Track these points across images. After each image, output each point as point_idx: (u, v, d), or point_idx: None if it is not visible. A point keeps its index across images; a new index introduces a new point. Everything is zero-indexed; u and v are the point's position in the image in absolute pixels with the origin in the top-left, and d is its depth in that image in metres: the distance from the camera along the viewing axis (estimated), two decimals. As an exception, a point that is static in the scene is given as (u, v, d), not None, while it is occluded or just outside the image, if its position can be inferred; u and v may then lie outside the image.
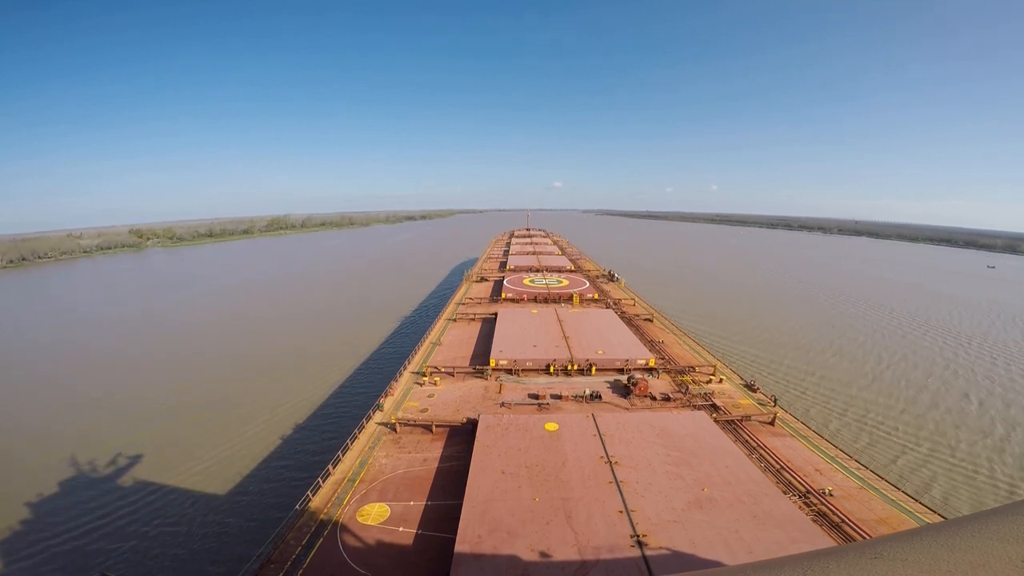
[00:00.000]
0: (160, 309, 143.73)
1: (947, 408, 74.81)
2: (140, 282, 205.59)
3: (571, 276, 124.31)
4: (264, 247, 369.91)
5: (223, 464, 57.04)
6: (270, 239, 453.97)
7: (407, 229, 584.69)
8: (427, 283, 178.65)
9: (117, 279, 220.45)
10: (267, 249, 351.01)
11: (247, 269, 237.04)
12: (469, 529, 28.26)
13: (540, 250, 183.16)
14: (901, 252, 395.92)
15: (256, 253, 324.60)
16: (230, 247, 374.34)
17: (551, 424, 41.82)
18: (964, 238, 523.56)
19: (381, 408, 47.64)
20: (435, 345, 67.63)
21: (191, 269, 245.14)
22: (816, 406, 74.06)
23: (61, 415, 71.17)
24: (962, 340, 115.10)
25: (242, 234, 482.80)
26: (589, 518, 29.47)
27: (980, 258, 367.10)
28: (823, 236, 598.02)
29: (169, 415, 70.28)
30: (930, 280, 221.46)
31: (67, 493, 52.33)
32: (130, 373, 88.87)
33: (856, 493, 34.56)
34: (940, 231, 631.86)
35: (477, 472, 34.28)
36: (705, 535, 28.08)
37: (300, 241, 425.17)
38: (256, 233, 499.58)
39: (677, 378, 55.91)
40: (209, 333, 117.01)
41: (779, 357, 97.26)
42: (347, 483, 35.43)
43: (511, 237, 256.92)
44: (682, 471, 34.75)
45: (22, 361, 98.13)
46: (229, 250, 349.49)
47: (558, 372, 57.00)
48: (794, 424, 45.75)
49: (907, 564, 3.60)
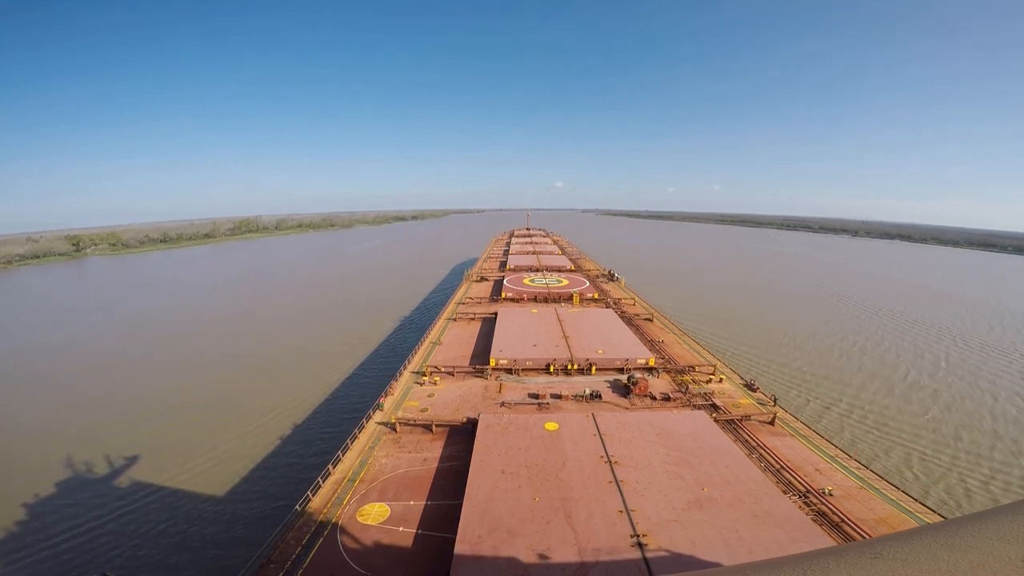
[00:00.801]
0: (155, 309, 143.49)
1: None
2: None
3: (571, 276, 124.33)
4: (204, 256, 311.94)
5: (222, 464, 57.02)
6: (236, 243, 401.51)
7: (388, 232, 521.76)
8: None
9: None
10: (193, 260, 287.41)
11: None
12: (469, 529, 28.25)
13: (540, 250, 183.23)
14: (974, 263, 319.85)
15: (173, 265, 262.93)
16: (181, 255, 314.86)
17: (551, 424, 41.83)
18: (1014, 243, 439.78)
19: (381, 408, 47.64)
20: (435, 345, 67.64)
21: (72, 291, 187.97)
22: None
23: (61, 415, 71.17)
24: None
25: (203, 239, 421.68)
26: (589, 518, 29.47)
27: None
28: (850, 239, 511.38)
29: (169, 416, 70.24)
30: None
31: (66, 493, 52.31)
32: (129, 374, 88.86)
33: (856, 493, 34.56)
34: (977, 234, 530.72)
35: (477, 472, 34.28)
36: (705, 535, 28.09)
37: (251, 248, 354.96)
38: (219, 237, 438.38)
39: (677, 378, 55.91)
40: (208, 334, 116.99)
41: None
42: (347, 483, 35.42)
43: (511, 237, 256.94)
44: (682, 471, 34.76)
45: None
46: (172, 259, 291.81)
47: (558, 372, 57.00)
48: (794, 424, 45.76)
49: (907, 564, 3.60)
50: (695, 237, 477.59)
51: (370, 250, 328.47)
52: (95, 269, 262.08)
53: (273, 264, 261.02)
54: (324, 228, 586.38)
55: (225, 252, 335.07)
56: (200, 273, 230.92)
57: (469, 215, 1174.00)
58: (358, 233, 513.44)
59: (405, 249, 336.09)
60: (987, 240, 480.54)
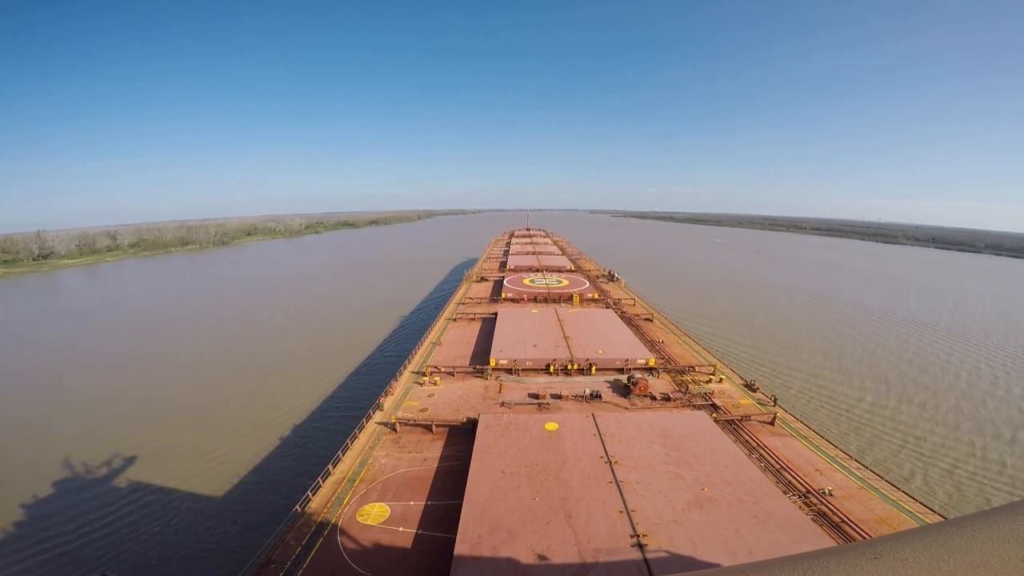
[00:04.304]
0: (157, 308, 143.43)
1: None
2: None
3: (571, 276, 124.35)
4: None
5: (222, 465, 56.98)
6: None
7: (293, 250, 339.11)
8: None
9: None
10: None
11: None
12: (469, 529, 28.25)
13: (540, 250, 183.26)
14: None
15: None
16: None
17: (551, 424, 41.82)
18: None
19: (381, 408, 47.64)
20: (435, 345, 67.64)
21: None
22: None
23: (61, 416, 71.15)
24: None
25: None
26: (589, 518, 29.47)
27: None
28: (893, 247, 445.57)
29: (169, 416, 70.21)
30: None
31: (66, 493, 52.26)
32: (129, 374, 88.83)
33: (856, 493, 34.55)
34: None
35: (477, 472, 34.28)
36: (705, 535, 28.08)
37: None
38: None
39: (677, 378, 55.90)
40: (209, 334, 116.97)
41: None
42: (347, 483, 35.41)
43: (511, 237, 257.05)
44: (682, 471, 34.75)
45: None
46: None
47: (558, 372, 56.99)
48: (794, 424, 45.75)
49: (907, 564, 3.60)
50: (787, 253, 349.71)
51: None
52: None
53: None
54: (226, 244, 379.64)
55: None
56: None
57: (457, 217, 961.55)
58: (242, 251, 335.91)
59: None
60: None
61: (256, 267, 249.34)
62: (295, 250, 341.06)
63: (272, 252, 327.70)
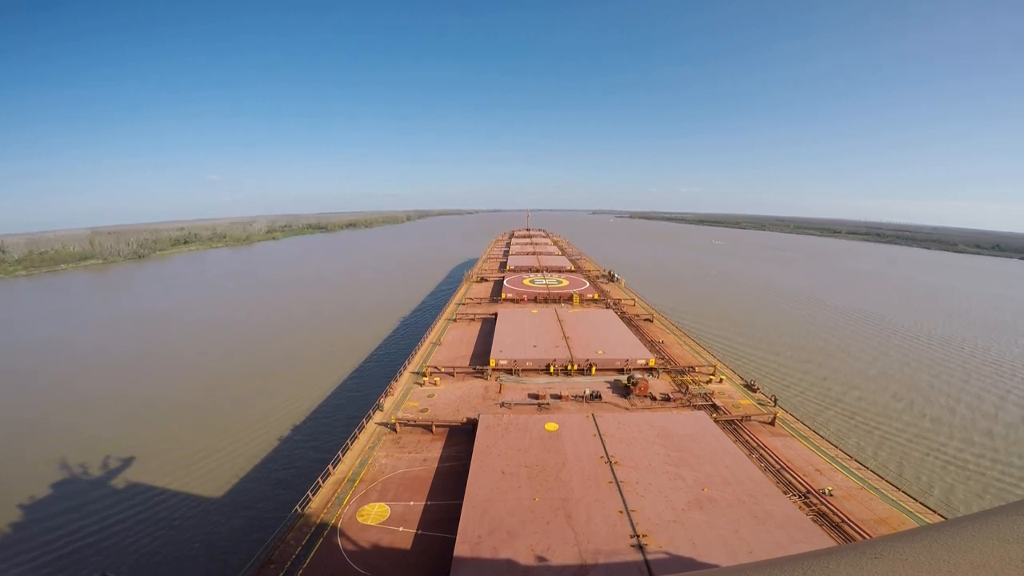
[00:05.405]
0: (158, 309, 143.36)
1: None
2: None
3: (571, 276, 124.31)
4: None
5: (223, 465, 56.99)
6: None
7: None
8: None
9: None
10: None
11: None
12: (469, 529, 28.24)
13: (540, 250, 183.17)
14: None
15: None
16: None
17: (551, 424, 41.81)
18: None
19: (381, 408, 47.63)
20: (435, 345, 67.62)
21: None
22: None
23: (61, 415, 71.12)
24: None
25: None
26: (589, 518, 29.46)
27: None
28: (930, 252, 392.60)
29: (169, 416, 70.21)
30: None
31: (67, 493, 52.25)
32: (128, 374, 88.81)
33: (856, 493, 34.55)
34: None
35: (477, 472, 34.27)
36: (705, 535, 28.07)
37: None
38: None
39: (677, 378, 55.89)
40: (209, 334, 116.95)
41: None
42: (347, 483, 35.41)
43: (511, 237, 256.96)
44: (682, 471, 34.74)
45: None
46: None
47: (558, 372, 56.98)
48: (794, 424, 45.74)
49: (907, 564, 3.60)
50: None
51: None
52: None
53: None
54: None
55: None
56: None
57: (450, 218, 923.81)
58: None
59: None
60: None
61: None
62: (209, 268, 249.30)
63: (182, 273, 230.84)
